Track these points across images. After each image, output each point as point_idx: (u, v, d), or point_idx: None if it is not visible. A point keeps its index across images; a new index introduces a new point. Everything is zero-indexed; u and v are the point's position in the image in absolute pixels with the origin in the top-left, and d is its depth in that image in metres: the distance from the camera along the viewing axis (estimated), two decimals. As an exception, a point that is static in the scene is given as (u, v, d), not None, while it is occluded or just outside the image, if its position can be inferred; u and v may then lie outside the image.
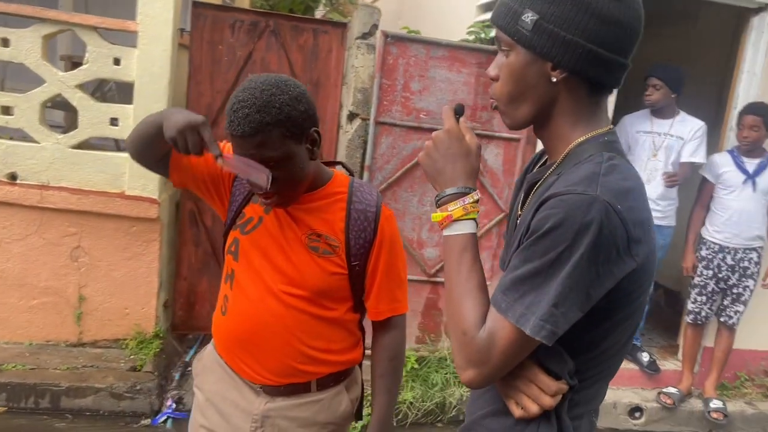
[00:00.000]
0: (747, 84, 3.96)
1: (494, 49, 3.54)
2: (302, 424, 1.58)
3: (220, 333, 1.61)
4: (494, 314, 1.05)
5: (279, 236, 1.53)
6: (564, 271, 0.98)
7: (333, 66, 3.86)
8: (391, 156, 3.66)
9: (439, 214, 1.15)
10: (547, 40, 1.05)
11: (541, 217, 1.01)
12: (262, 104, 1.34)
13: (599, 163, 1.04)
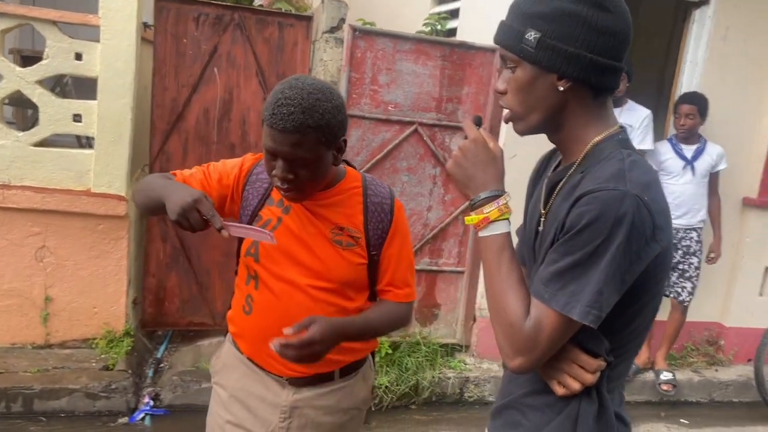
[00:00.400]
0: (689, 74, 4.23)
1: (458, 43, 3.67)
2: (328, 411, 1.66)
3: (246, 331, 1.66)
4: (538, 305, 1.14)
5: (302, 233, 1.58)
6: (604, 261, 1.08)
7: (299, 59, 3.89)
8: (360, 148, 3.73)
9: (475, 217, 1.23)
10: (551, 55, 1.15)
11: (577, 213, 1.11)
12: (308, 106, 1.40)
13: (621, 160, 1.15)
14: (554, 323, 1.13)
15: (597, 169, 1.16)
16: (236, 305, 1.70)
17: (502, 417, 1.37)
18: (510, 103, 1.24)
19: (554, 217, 1.21)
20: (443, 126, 3.83)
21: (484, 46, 3.79)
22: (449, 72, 3.77)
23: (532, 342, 1.14)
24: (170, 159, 3.81)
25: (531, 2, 1.17)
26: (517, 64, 1.20)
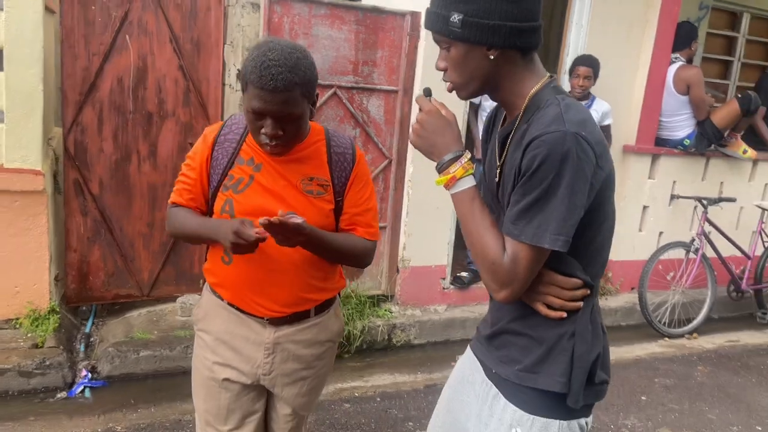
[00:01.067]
0: (576, 35, 4.65)
1: (370, 7, 3.83)
2: (306, 344, 1.84)
3: (227, 280, 1.79)
4: (511, 242, 1.33)
5: (274, 187, 1.73)
6: (560, 193, 1.27)
7: (213, 24, 3.88)
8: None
9: (442, 178, 1.41)
10: (476, 31, 1.32)
11: (529, 157, 1.28)
12: (292, 65, 1.54)
13: (558, 105, 1.33)
14: (528, 254, 1.31)
15: (540, 115, 1.34)
16: (213, 258, 1.83)
17: (497, 340, 1.53)
18: (451, 77, 1.41)
19: (510, 165, 1.37)
20: (360, 88, 4.00)
21: (394, 10, 3.98)
22: (363, 36, 3.93)
23: (513, 274, 1.33)
24: (85, 131, 3.73)
25: None
26: (449, 44, 1.37)
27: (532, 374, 1.43)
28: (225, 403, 1.82)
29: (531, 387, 1.43)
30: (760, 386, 3.96)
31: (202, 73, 3.95)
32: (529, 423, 1.43)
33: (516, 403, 1.45)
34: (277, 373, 1.82)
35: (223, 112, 4.02)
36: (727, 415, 3.56)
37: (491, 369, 1.53)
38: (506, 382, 1.48)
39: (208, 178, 1.77)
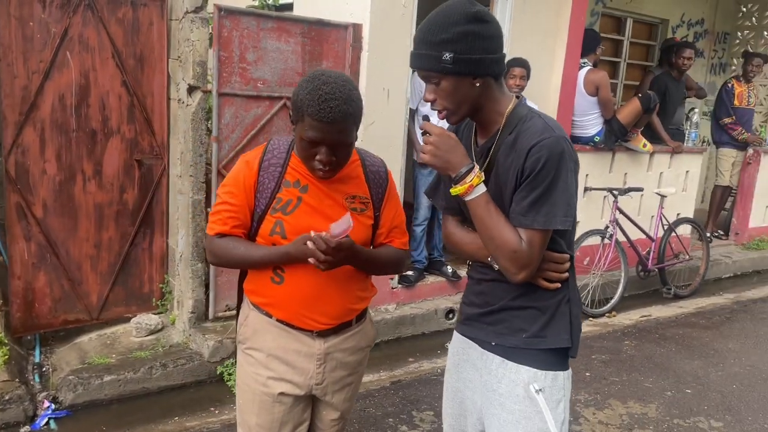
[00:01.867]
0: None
1: (315, 20, 3.95)
2: (351, 352, 1.97)
3: (278, 299, 1.87)
4: (524, 231, 1.60)
5: (321, 207, 1.84)
6: (560, 184, 1.57)
7: (156, 39, 3.83)
8: (235, 125, 3.85)
9: (461, 188, 1.63)
10: (465, 66, 1.58)
11: (533, 160, 1.56)
12: (347, 98, 1.67)
13: (539, 117, 1.64)
14: (540, 238, 1.60)
15: (526, 127, 1.62)
16: (260, 279, 1.89)
17: (493, 317, 1.76)
18: (442, 105, 1.65)
19: (505, 169, 1.64)
20: (308, 99, 4.09)
21: (338, 23, 4.11)
22: (309, 48, 4.03)
23: (529, 257, 1.61)
24: (26, 152, 3.57)
25: (436, 32, 1.58)
26: (440, 79, 1.60)
27: (540, 338, 1.72)
28: (279, 416, 1.90)
29: (540, 348, 1.72)
30: (679, 354, 4.47)
31: (146, 88, 3.88)
32: (542, 377, 1.72)
33: (528, 363, 1.72)
34: (328, 382, 1.93)
35: (169, 127, 3.97)
36: (660, 382, 4.01)
37: (490, 342, 1.78)
38: (512, 349, 1.74)
39: (255, 202, 1.84)
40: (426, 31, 1.61)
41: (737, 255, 7.08)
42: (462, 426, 1.93)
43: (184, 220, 3.88)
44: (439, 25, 1.59)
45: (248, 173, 1.85)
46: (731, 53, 8.93)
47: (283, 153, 1.88)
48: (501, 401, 1.75)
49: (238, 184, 1.85)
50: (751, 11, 8.68)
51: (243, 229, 1.88)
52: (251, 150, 1.96)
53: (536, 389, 1.71)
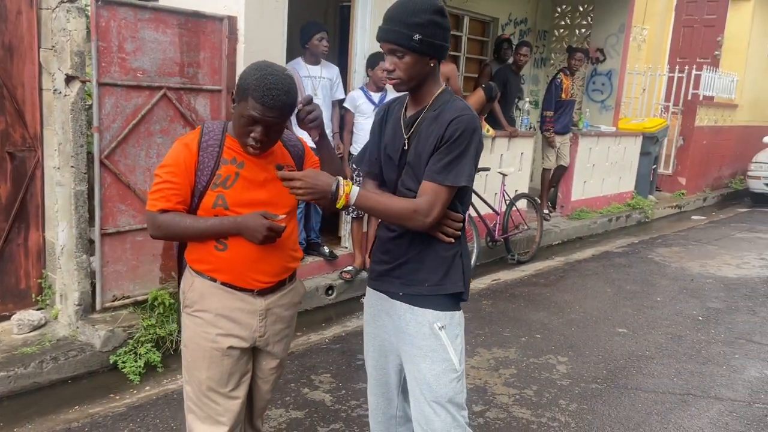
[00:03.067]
0: (361, 37, 5.38)
1: (191, 12, 4.08)
2: (287, 307, 2.25)
3: (223, 263, 2.09)
4: (433, 186, 1.96)
5: (257, 178, 2.10)
6: (470, 152, 1.98)
7: (25, 28, 3.73)
8: (116, 115, 3.86)
9: (341, 201, 1.95)
10: (429, 48, 1.95)
11: (453, 129, 1.95)
12: (287, 89, 1.96)
13: (460, 100, 2.04)
14: (447, 193, 1.98)
15: (449, 106, 2.01)
16: (203, 248, 2.10)
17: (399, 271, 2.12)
18: (399, 75, 1.99)
19: (426, 135, 2.00)
20: (188, 89, 4.20)
21: (214, 15, 4.25)
22: (187, 39, 4.13)
23: (433, 206, 1.96)
24: None
25: (409, 15, 1.91)
26: (404, 54, 1.95)
27: (440, 285, 2.09)
28: (227, 368, 2.13)
29: (441, 294, 2.09)
30: (527, 308, 5.21)
31: (16, 78, 3.77)
32: (443, 317, 2.09)
33: (431, 307, 2.09)
34: (269, 334, 2.20)
35: (42, 117, 3.89)
36: (515, 331, 4.68)
37: (398, 293, 2.13)
38: (417, 297, 2.09)
39: (195, 180, 2.05)
40: (400, 12, 1.93)
41: (564, 225, 8.17)
42: (383, 364, 2.29)
43: (66, 212, 3.83)
44: (413, 10, 1.91)
45: (188, 154, 2.05)
46: (550, 48, 10.14)
47: (218, 135, 2.11)
48: (411, 340, 2.13)
49: (179, 165, 2.05)
50: (565, 11, 9.91)
51: (184, 205, 2.07)
52: (186, 135, 2.15)
53: (439, 327, 2.09)
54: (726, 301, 5.68)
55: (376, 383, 2.34)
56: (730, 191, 12.54)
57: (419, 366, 2.12)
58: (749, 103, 13.10)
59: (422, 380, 2.12)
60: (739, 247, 7.93)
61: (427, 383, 2.11)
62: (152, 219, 2.07)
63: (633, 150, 9.62)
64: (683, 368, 4.18)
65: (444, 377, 2.10)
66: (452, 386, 2.11)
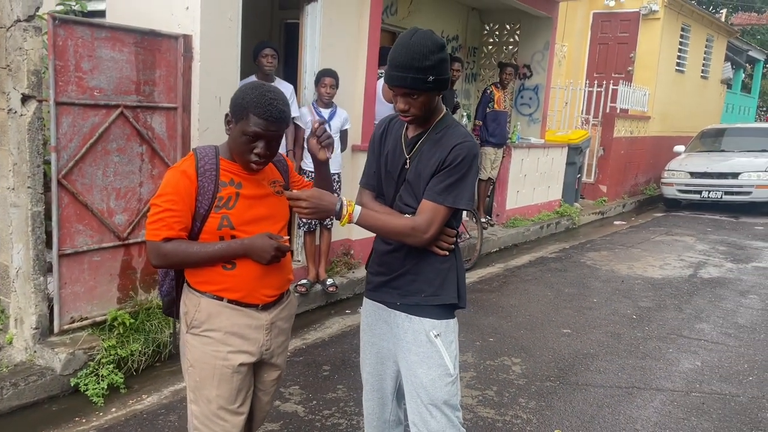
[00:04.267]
0: (311, 55, 5.50)
1: (148, 30, 4.10)
2: (286, 320, 2.35)
3: (231, 281, 2.15)
4: (433, 205, 2.11)
5: (257, 196, 2.19)
6: (470, 177, 2.14)
7: (-24, 46, 3.64)
8: (73, 134, 3.81)
9: (344, 220, 2.10)
10: (440, 84, 2.08)
11: (455, 154, 2.10)
12: (285, 102, 2.10)
13: (461, 127, 2.22)
14: (445, 213, 2.13)
15: (451, 131, 2.18)
16: (211, 270, 2.15)
17: (397, 282, 2.27)
18: (414, 113, 2.13)
19: (428, 157, 2.16)
20: (144, 107, 4.18)
21: (169, 33, 4.26)
22: (143, 57, 4.12)
23: (431, 224, 2.11)
24: None
25: (421, 60, 2.01)
26: (419, 95, 2.08)
27: (436, 296, 2.23)
28: (237, 385, 2.19)
29: (436, 305, 2.23)
30: (478, 313, 5.44)
31: (-34, 97, 3.66)
32: (439, 325, 2.24)
33: (428, 316, 2.23)
34: (274, 347, 2.29)
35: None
36: (470, 335, 4.89)
37: (395, 303, 2.27)
38: (414, 306, 2.24)
39: (196, 205, 2.11)
40: (411, 58, 2.01)
41: (500, 233, 8.53)
42: (379, 370, 2.42)
43: (22, 233, 3.74)
44: (423, 53, 2.01)
45: (188, 182, 2.11)
46: (480, 64, 10.56)
47: (213, 159, 2.17)
48: (408, 347, 2.26)
49: (179, 193, 2.10)
50: (493, 29, 10.37)
51: (186, 231, 2.13)
52: (181, 161, 2.22)
53: (435, 334, 2.24)
54: (655, 300, 6.13)
55: (372, 389, 2.46)
56: (645, 197, 13.40)
57: (416, 371, 2.25)
58: (660, 115, 14.06)
59: (419, 385, 2.25)
60: (660, 250, 8.52)
61: (423, 387, 2.24)
62: (156, 248, 2.10)
63: (560, 160, 10.16)
64: (625, 363, 4.52)
65: (439, 381, 2.24)
66: (447, 389, 2.25)
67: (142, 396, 3.81)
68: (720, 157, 12.31)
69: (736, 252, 8.56)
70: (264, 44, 5.08)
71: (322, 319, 5.31)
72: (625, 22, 13.36)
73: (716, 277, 7.17)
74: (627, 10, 13.28)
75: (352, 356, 4.42)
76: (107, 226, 4.07)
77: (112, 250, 4.15)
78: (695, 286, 6.71)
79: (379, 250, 2.35)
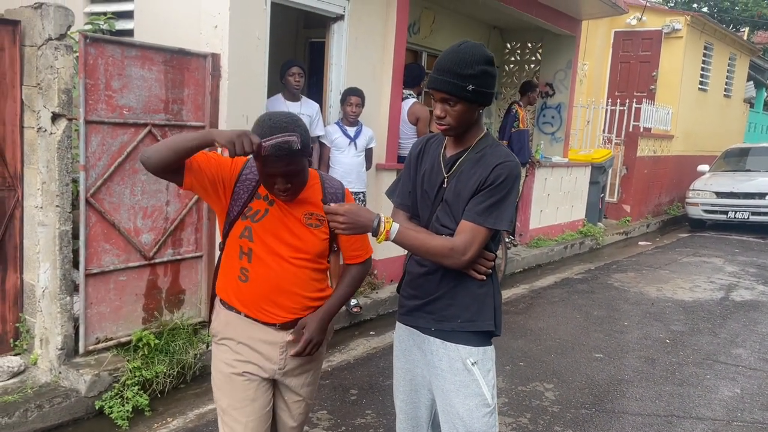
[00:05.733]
0: (336, 74, 5.47)
1: (177, 49, 4.08)
2: None
3: (243, 294, 2.15)
4: (473, 226, 2.02)
5: (284, 219, 2.15)
6: (510, 198, 2.06)
7: (8, 65, 3.63)
8: (102, 153, 3.79)
9: (381, 237, 2.00)
10: (479, 97, 2.02)
11: (496, 174, 2.03)
12: (290, 132, 1.99)
13: (502, 146, 2.15)
14: (484, 235, 2.05)
15: (492, 150, 2.11)
16: (230, 277, 2.17)
17: (431, 307, 2.17)
18: (450, 122, 2.07)
19: (468, 176, 2.08)
20: (172, 125, 4.16)
21: (197, 52, 4.25)
22: (172, 76, 4.11)
23: (470, 246, 2.02)
24: None
25: (464, 67, 1.97)
26: (456, 102, 2.02)
27: (472, 322, 2.14)
28: (250, 394, 2.17)
29: (473, 331, 2.14)
30: (506, 336, 5.26)
31: (-3, 115, 3.65)
32: (476, 352, 2.14)
33: (464, 342, 2.13)
34: (289, 368, 2.23)
35: (23, 156, 3.77)
36: (499, 359, 4.68)
37: (430, 328, 2.17)
38: (450, 332, 2.14)
39: (230, 203, 2.14)
40: (454, 63, 1.98)
41: (524, 253, 8.40)
42: (414, 398, 2.32)
43: (49, 252, 3.70)
44: (467, 61, 1.97)
45: (231, 172, 2.15)
46: (501, 83, 10.51)
47: (257, 172, 2.14)
48: (444, 375, 2.16)
49: (226, 168, 2.14)
50: (515, 48, 10.33)
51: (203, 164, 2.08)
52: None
53: (472, 362, 2.14)
54: (687, 324, 5.96)
55: (406, 417, 2.36)
56: (669, 217, 13.20)
57: (452, 401, 2.16)
58: (683, 134, 13.90)
59: (455, 415, 2.15)
60: (688, 271, 8.34)
61: (460, 418, 2.14)
62: None
63: (583, 180, 10.03)
64: (662, 390, 4.36)
65: (477, 412, 2.14)
66: (485, 420, 2.15)
67: (167, 419, 3.73)
68: (745, 176, 12.11)
69: (767, 274, 8.35)
70: (291, 63, 5.06)
71: (347, 340, 5.21)
72: (647, 41, 13.26)
73: (749, 300, 6.98)
74: (649, 29, 13.20)
75: (379, 380, 4.31)
76: (134, 245, 4.03)
77: (139, 270, 4.10)
78: (728, 310, 6.52)
79: (412, 273, 2.26)
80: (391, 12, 5.87)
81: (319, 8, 5.22)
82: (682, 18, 13.10)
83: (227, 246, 2.20)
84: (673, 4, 21.83)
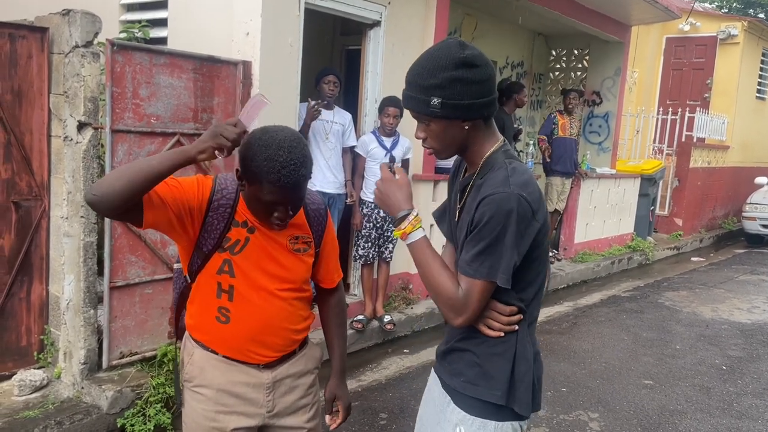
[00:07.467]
0: (372, 82, 5.30)
1: (206, 56, 3.97)
2: (298, 376, 2.03)
3: (225, 337, 1.89)
4: (466, 279, 1.61)
5: (268, 248, 1.89)
6: (506, 241, 1.56)
7: (35, 73, 3.58)
8: (128, 162, 3.69)
9: (397, 232, 1.69)
10: (453, 110, 1.59)
11: (480, 212, 1.58)
12: (302, 161, 1.74)
13: (505, 169, 1.62)
14: (480, 289, 1.61)
15: (491, 177, 1.65)
16: (205, 317, 1.90)
17: (449, 357, 1.81)
18: (431, 144, 1.70)
19: (467, 212, 1.67)
20: (197, 134, 4.05)
21: (228, 59, 4.14)
22: (201, 84, 4.00)
23: (466, 304, 1.62)
24: None
25: (425, 77, 1.59)
26: (429, 121, 1.63)
27: (474, 385, 1.72)
28: None
29: (473, 396, 1.71)
30: (547, 358, 4.96)
31: (24, 125, 3.61)
32: (469, 422, 1.72)
33: (462, 406, 1.74)
34: (279, 408, 1.98)
35: (50, 165, 3.71)
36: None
37: (445, 381, 1.82)
38: (454, 390, 1.78)
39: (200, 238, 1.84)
40: (415, 74, 1.62)
41: (568, 268, 8.05)
42: None
43: (74, 264, 3.62)
44: (428, 69, 1.58)
45: (203, 202, 1.83)
46: (545, 91, 10.19)
47: (232, 194, 1.88)
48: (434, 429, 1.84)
49: (193, 185, 1.84)
50: (560, 55, 10.00)
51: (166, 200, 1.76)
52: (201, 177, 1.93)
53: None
54: (746, 349, 5.55)
55: None
56: (724, 232, 12.57)
57: None
58: (739, 144, 13.26)
59: None
60: (745, 291, 7.85)
61: None
62: None
63: (632, 192, 9.61)
64: (719, 423, 4.02)
65: None
66: None
67: (189, 439, 3.59)
68: (807, 189, 11.46)
69: (832, 295, 7.80)
70: (327, 70, 4.91)
71: (379, 358, 5.01)
72: (701, 47, 12.72)
73: (813, 323, 6.50)
74: (703, 35, 12.66)
75: (410, 403, 4.09)
76: (160, 257, 3.92)
77: (165, 283, 3.99)
78: (790, 334, 6.08)
79: None
80: (429, 18, 5.68)
81: (354, 14, 5.06)
82: (739, 23, 12.52)
83: (200, 281, 1.90)
84: (727, 10, 20.99)
